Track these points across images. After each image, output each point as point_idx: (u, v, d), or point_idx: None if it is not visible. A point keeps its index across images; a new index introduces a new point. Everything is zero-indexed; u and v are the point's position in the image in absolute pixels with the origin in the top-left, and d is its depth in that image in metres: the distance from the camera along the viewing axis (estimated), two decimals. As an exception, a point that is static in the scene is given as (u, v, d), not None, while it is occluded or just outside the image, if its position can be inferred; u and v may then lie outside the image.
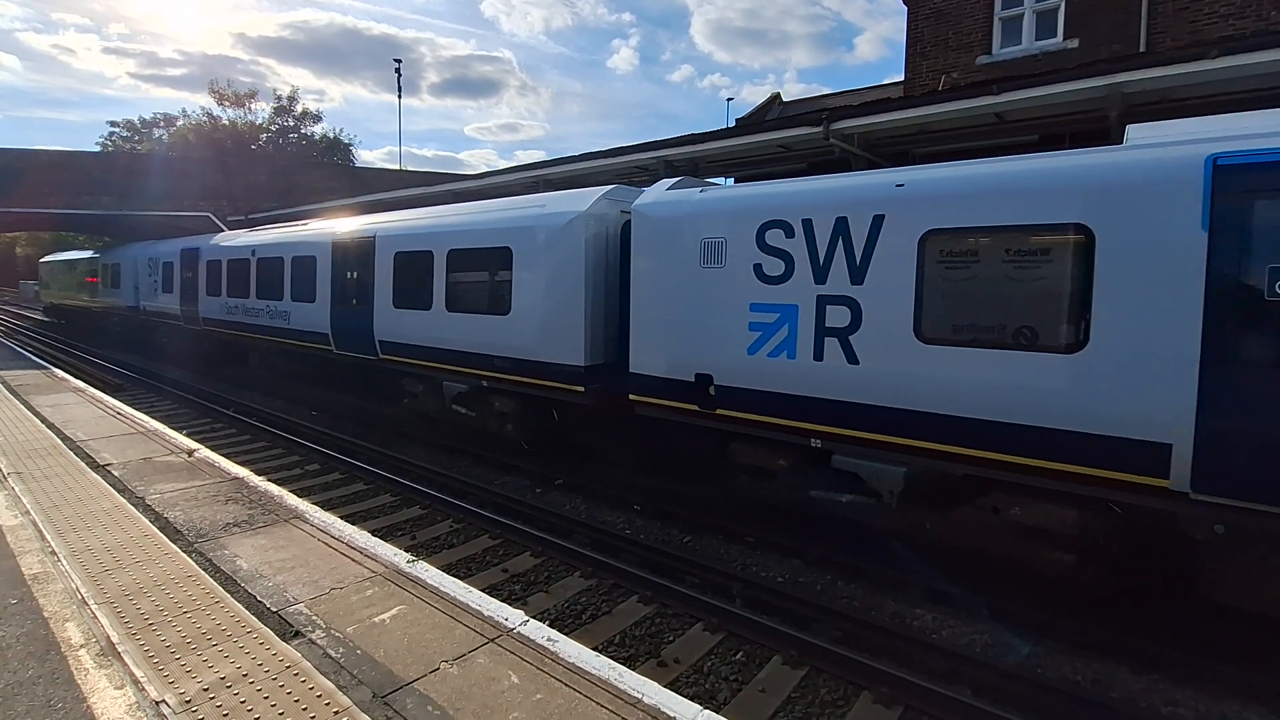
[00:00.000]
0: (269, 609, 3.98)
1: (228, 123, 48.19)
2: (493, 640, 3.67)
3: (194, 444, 8.06)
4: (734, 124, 21.94)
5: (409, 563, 4.68)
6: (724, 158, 10.91)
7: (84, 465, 6.93)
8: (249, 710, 3.03)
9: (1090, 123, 7.85)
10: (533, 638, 3.71)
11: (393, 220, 11.29)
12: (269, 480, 6.76)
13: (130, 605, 3.95)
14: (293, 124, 50.17)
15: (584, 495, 8.30)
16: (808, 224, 6.04)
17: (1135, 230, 4.54)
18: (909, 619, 5.45)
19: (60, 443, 7.83)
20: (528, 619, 3.92)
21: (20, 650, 3.49)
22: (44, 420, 9.02)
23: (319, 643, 3.62)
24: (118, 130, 53.20)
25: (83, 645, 3.54)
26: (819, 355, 5.95)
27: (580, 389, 7.99)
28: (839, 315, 5.84)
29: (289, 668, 3.36)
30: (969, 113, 8.14)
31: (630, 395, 7.52)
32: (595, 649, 4.00)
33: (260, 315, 14.33)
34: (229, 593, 4.16)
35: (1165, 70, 6.74)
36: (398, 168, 39.87)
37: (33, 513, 5.45)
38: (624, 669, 3.47)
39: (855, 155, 9.34)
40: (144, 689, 3.17)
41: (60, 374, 13.68)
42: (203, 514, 5.59)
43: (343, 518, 5.97)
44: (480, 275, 9.37)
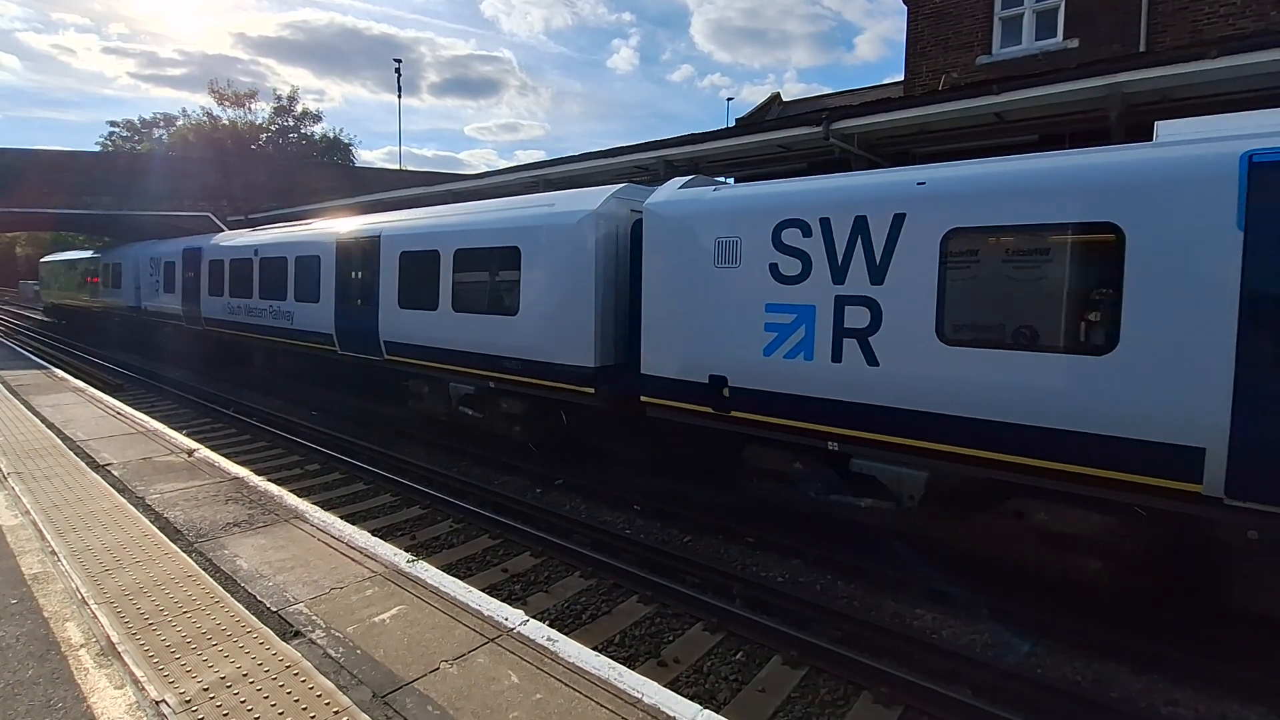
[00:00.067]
0: (269, 609, 3.99)
1: (228, 123, 48.26)
2: (493, 640, 3.67)
3: (194, 444, 8.06)
4: (734, 124, 21.95)
5: (409, 562, 4.68)
6: (724, 158, 10.91)
7: (84, 465, 6.93)
8: (249, 710, 3.03)
9: (1090, 123, 7.86)
10: (533, 637, 3.71)
11: (398, 220, 11.18)
12: (269, 480, 6.76)
13: (130, 605, 3.95)
14: (293, 124, 50.28)
15: (584, 495, 8.30)
16: (825, 223, 5.93)
17: (1167, 229, 4.41)
18: (909, 619, 5.45)
19: (60, 443, 7.83)
20: (528, 619, 3.92)
21: (20, 650, 3.49)
22: (44, 420, 9.02)
23: (319, 642, 3.62)
24: (118, 130, 53.39)
25: (83, 645, 3.54)
26: (837, 357, 5.85)
27: (590, 391, 7.92)
28: (858, 316, 5.74)
29: (289, 667, 3.36)
30: (969, 113, 8.15)
31: (642, 397, 7.42)
32: (595, 649, 4.00)
33: (263, 315, 14.27)
34: (229, 592, 4.16)
35: (1165, 70, 6.75)
36: (398, 168, 39.94)
37: (33, 512, 5.45)
38: (624, 669, 3.47)
39: (855, 155, 9.35)
40: (144, 689, 3.17)
41: (60, 374, 13.68)
42: (203, 514, 5.59)
43: (343, 518, 5.97)
44: (488, 275, 9.30)
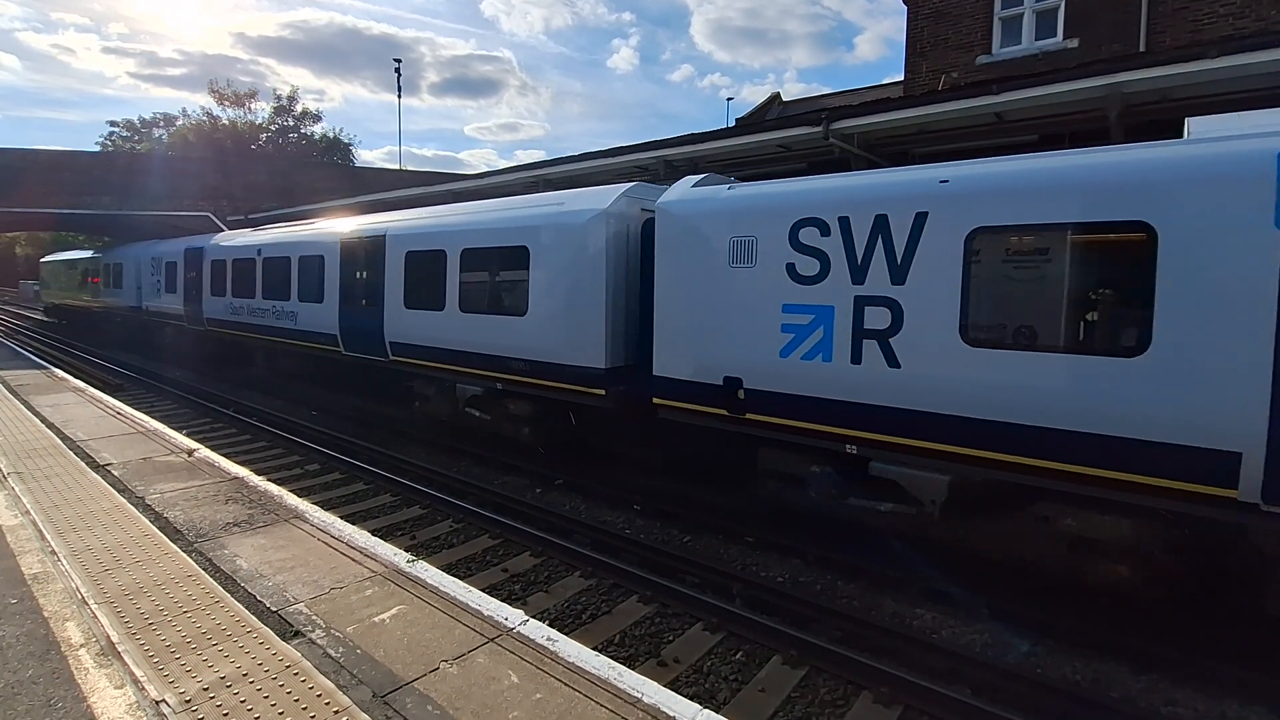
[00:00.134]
0: (269, 608, 3.99)
1: (227, 123, 48.32)
2: (492, 640, 3.67)
3: (194, 444, 8.06)
4: (734, 124, 21.97)
5: (409, 562, 4.68)
6: (724, 158, 10.91)
7: (84, 465, 6.93)
8: (249, 710, 3.03)
9: (1090, 123, 7.86)
10: (532, 637, 3.71)
11: (404, 219, 11.05)
12: (269, 480, 6.76)
13: (130, 605, 3.95)
14: (292, 124, 50.35)
15: (584, 495, 8.30)
16: (844, 222, 5.80)
17: (1201, 228, 4.28)
18: (909, 619, 5.45)
19: (60, 442, 7.83)
20: (527, 619, 3.92)
21: (20, 650, 3.49)
22: (44, 420, 9.02)
23: (319, 642, 3.62)
24: (117, 130, 53.47)
25: (83, 645, 3.54)
26: (857, 358, 5.74)
27: (601, 392, 7.83)
28: (878, 317, 5.62)
29: (289, 667, 3.36)
30: (969, 113, 8.15)
31: (654, 399, 7.31)
32: (595, 649, 4.00)
33: (266, 316, 14.20)
34: (229, 592, 4.16)
35: (1165, 70, 6.75)
36: (398, 167, 39.96)
37: (33, 512, 5.45)
38: (624, 668, 3.47)
39: (855, 155, 9.35)
40: (144, 688, 3.17)
41: (60, 374, 13.68)
42: (203, 514, 5.59)
43: (343, 517, 5.97)
44: (496, 275, 9.22)
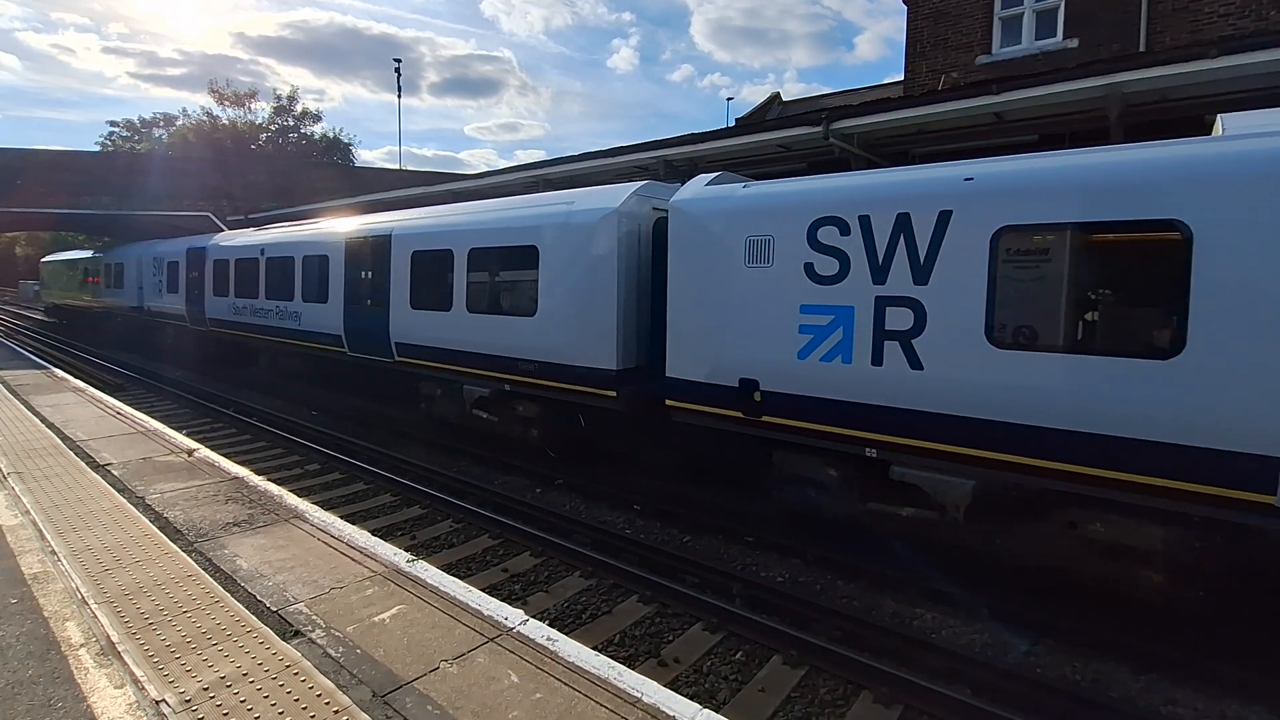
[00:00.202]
0: (269, 608, 3.99)
1: (227, 122, 48.35)
2: (492, 640, 3.67)
3: (194, 444, 8.06)
4: (734, 124, 21.96)
5: (409, 562, 4.68)
6: (724, 158, 10.91)
7: (84, 465, 6.93)
8: (249, 709, 3.03)
9: (1090, 123, 7.87)
10: (532, 637, 3.71)
11: (410, 218, 10.96)
12: (269, 480, 6.76)
13: (130, 604, 3.95)
14: (292, 124, 50.37)
15: (584, 495, 8.30)
16: (865, 220, 5.70)
17: (1238, 226, 4.19)
18: (908, 619, 5.46)
19: (60, 442, 7.83)
20: (527, 618, 3.92)
21: (20, 650, 3.49)
22: (44, 420, 9.02)
23: (319, 642, 3.62)
24: (117, 130, 53.57)
25: (83, 644, 3.54)
26: (878, 360, 5.63)
27: (612, 394, 7.75)
28: (900, 318, 5.51)
29: (289, 667, 3.36)
30: (968, 113, 8.15)
31: (667, 401, 7.21)
32: (595, 648, 4.00)
33: (269, 316, 14.12)
34: (229, 592, 4.16)
35: (1164, 70, 6.75)
36: (398, 167, 39.98)
37: (33, 512, 5.45)
38: (624, 668, 3.47)
39: (855, 155, 9.35)
40: (144, 688, 3.17)
41: (60, 374, 13.67)
42: (203, 514, 5.59)
43: (343, 517, 5.97)
44: (504, 275, 9.16)
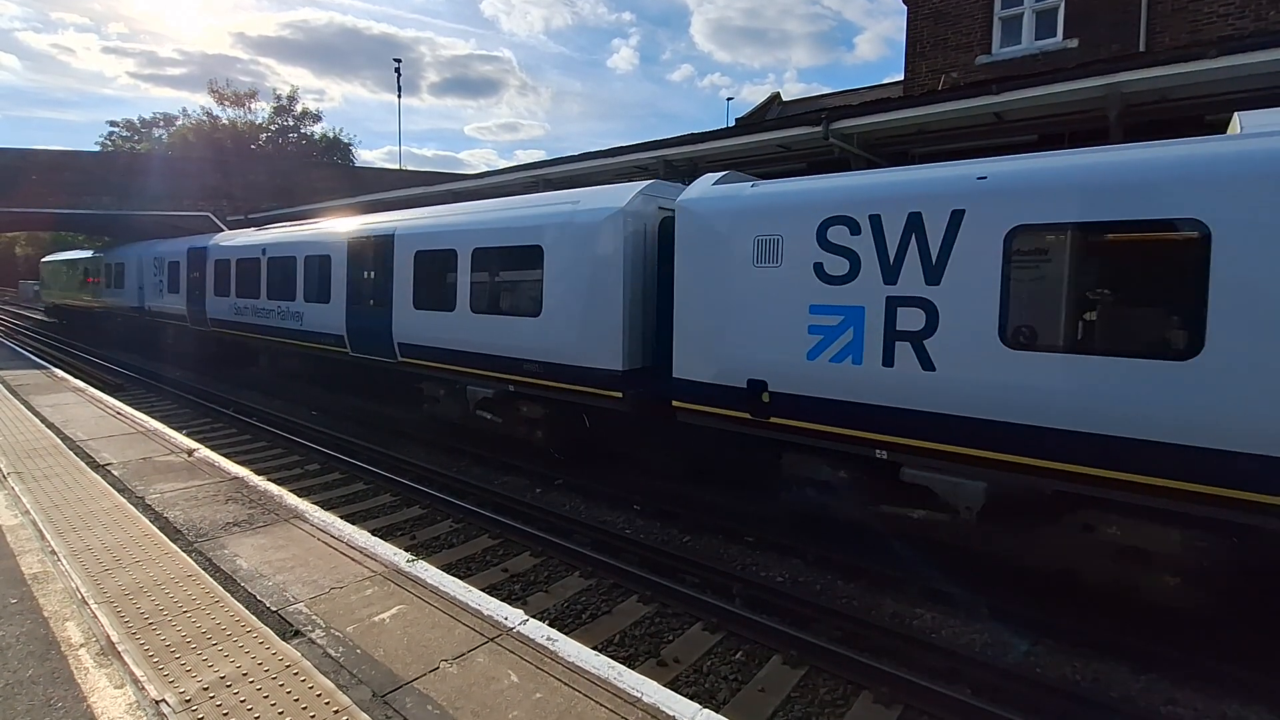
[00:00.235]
0: (269, 608, 3.99)
1: (227, 122, 48.35)
2: (492, 639, 3.68)
3: (194, 444, 8.06)
4: (734, 124, 21.97)
5: (409, 562, 4.68)
6: (724, 157, 10.91)
7: (84, 465, 6.93)
8: (249, 709, 3.03)
9: (1089, 123, 7.87)
10: (532, 637, 3.72)
11: (413, 218, 10.92)
12: (269, 480, 6.76)
13: (130, 604, 3.95)
14: (292, 124, 50.37)
15: (584, 495, 8.30)
16: (875, 220, 5.65)
17: (1258, 226, 4.14)
18: (908, 619, 5.46)
19: (60, 442, 7.83)
20: (527, 618, 3.92)
21: (20, 649, 3.49)
22: (44, 420, 9.02)
23: (319, 642, 3.62)
24: (117, 130, 53.54)
25: (83, 644, 3.54)
26: (889, 361, 5.58)
27: (618, 394, 7.70)
28: (912, 318, 5.46)
29: (289, 667, 3.36)
30: (968, 113, 8.15)
31: (673, 402, 7.16)
32: (595, 648, 4.01)
33: (271, 316, 14.08)
34: (229, 592, 4.16)
35: (1164, 70, 6.75)
36: (398, 167, 39.99)
37: (33, 512, 5.45)
38: (623, 668, 3.47)
39: (855, 155, 9.35)
40: (144, 688, 3.17)
41: (60, 374, 13.67)
42: (203, 513, 5.59)
43: (343, 517, 5.97)
44: (508, 275, 9.11)
